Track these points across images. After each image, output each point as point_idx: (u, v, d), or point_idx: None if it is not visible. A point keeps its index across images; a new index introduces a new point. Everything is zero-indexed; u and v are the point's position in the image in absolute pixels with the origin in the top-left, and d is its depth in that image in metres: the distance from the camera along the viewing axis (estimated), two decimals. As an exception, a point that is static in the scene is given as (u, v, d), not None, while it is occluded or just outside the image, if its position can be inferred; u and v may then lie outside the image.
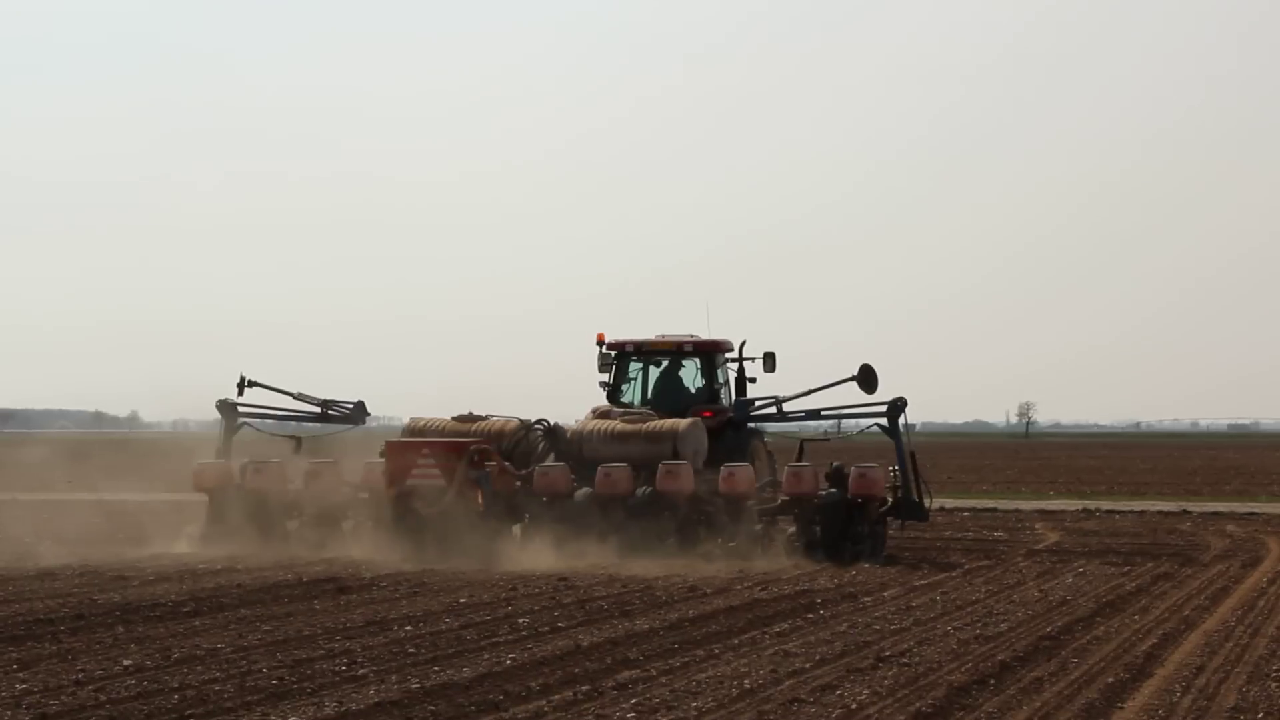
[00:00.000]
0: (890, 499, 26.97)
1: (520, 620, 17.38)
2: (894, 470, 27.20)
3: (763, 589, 20.84)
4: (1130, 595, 20.56)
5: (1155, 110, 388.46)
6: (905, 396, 27.53)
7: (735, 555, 25.36)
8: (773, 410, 28.81)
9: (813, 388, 28.18)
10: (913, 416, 27.67)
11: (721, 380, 30.23)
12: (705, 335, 30.48)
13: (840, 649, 15.48)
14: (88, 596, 19.16)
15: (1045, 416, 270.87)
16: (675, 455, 27.05)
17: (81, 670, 13.70)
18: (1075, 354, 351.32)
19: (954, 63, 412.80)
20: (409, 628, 16.74)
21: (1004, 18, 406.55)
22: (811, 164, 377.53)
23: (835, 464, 26.71)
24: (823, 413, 28.32)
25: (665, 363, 30.49)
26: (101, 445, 52.09)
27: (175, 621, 17.08)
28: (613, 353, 30.46)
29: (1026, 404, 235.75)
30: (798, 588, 21.09)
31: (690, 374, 30.35)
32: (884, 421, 27.56)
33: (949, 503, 41.14)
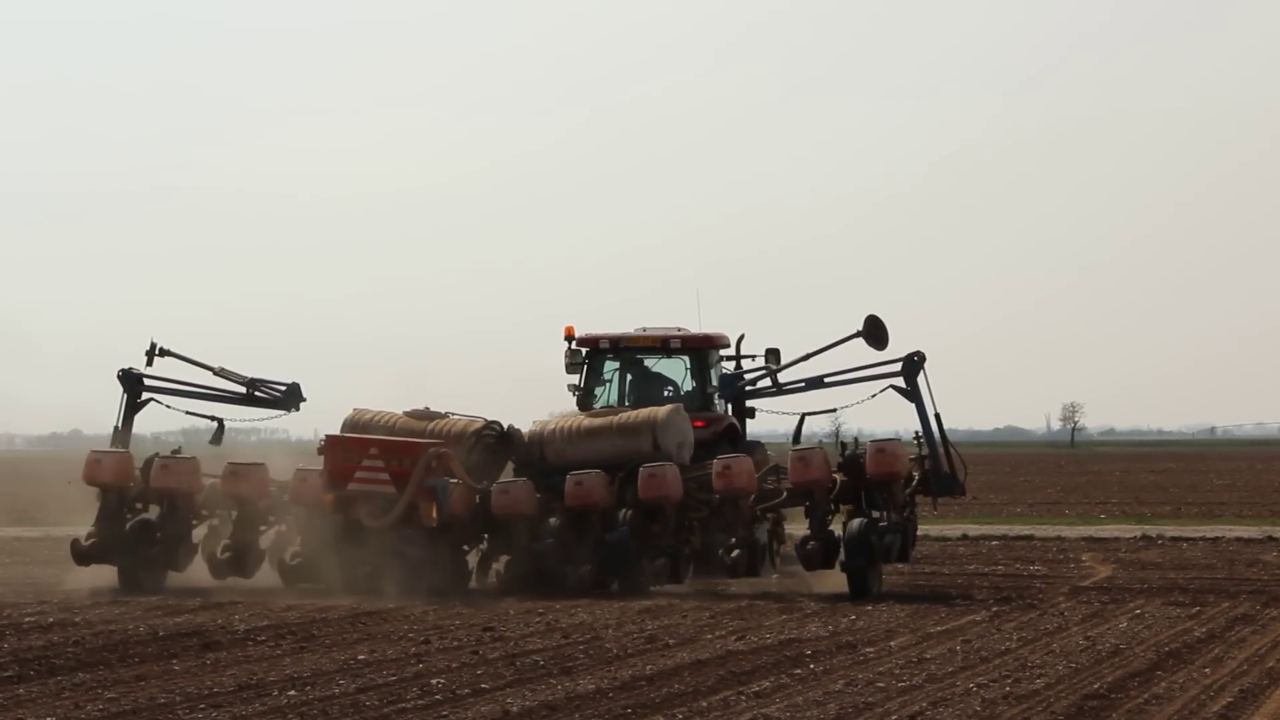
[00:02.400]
0: (916, 474, 27.40)
1: (434, 681, 17.39)
2: (918, 437, 27.49)
3: (738, 638, 20.89)
4: (1200, 643, 20.66)
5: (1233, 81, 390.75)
6: (923, 350, 27.92)
7: (739, 570, 26.19)
8: (767, 384, 29.25)
9: (811, 351, 28.68)
10: (895, 418, 28.05)
11: (715, 382, 30.63)
12: (696, 329, 30.91)
13: (835, 712, 15.50)
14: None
15: (1095, 421, 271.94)
16: (656, 449, 27.50)
17: None
18: (1133, 345, 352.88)
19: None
20: (292, 692, 16.70)
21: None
22: (813, 123, 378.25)
23: (846, 444, 27.10)
24: (826, 380, 28.67)
25: (647, 361, 31.01)
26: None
27: (-7, 689, 16.97)
28: (584, 350, 30.90)
29: (1072, 406, 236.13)
30: (782, 636, 21.15)
31: (677, 375, 30.84)
32: (900, 381, 27.95)
33: (973, 529, 41.26)
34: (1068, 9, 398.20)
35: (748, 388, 29.67)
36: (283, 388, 30.55)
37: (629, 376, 30.98)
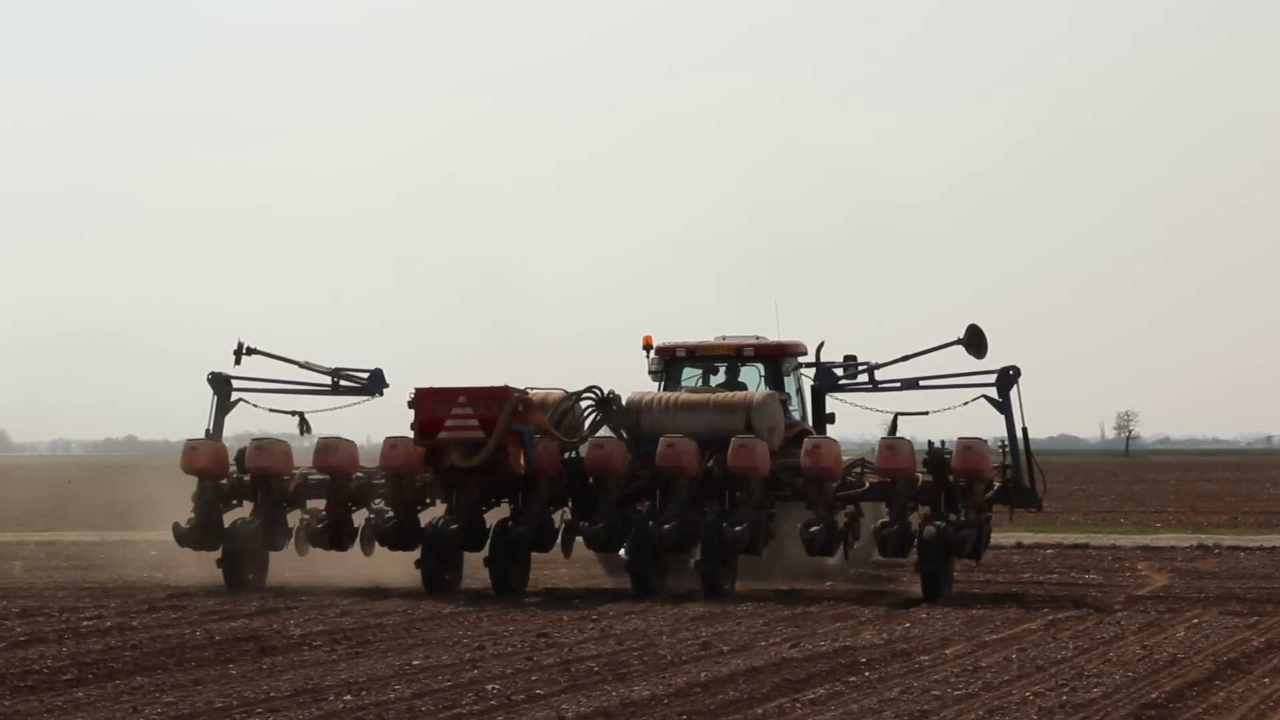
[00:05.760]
0: (997, 483, 27.79)
1: (489, 686, 17.46)
2: (1002, 447, 27.85)
3: (793, 645, 20.91)
4: (1258, 653, 20.59)
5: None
6: (1018, 365, 28.18)
7: (815, 546, 26.72)
8: (864, 379, 29.64)
9: (910, 353, 29.04)
10: (983, 430, 28.08)
11: (792, 390, 31.06)
12: (773, 337, 31.39)
13: (891, 721, 15.48)
14: (-58, 661, 19.19)
15: (1150, 430, 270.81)
16: (748, 429, 28.22)
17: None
18: (1188, 353, 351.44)
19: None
20: (348, 697, 16.78)
21: None
22: (870, 124, 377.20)
23: (932, 442, 27.51)
24: (921, 382, 29.02)
25: (725, 369, 31.49)
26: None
27: (52, 693, 17.13)
28: (663, 358, 31.44)
29: (1127, 414, 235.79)
30: (837, 643, 21.15)
31: (754, 383, 31.34)
32: (992, 393, 28.22)
33: (1028, 537, 41.16)
34: (1123, 12, 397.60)
35: (842, 381, 29.92)
36: (366, 375, 31.08)
37: (707, 384, 31.25)
